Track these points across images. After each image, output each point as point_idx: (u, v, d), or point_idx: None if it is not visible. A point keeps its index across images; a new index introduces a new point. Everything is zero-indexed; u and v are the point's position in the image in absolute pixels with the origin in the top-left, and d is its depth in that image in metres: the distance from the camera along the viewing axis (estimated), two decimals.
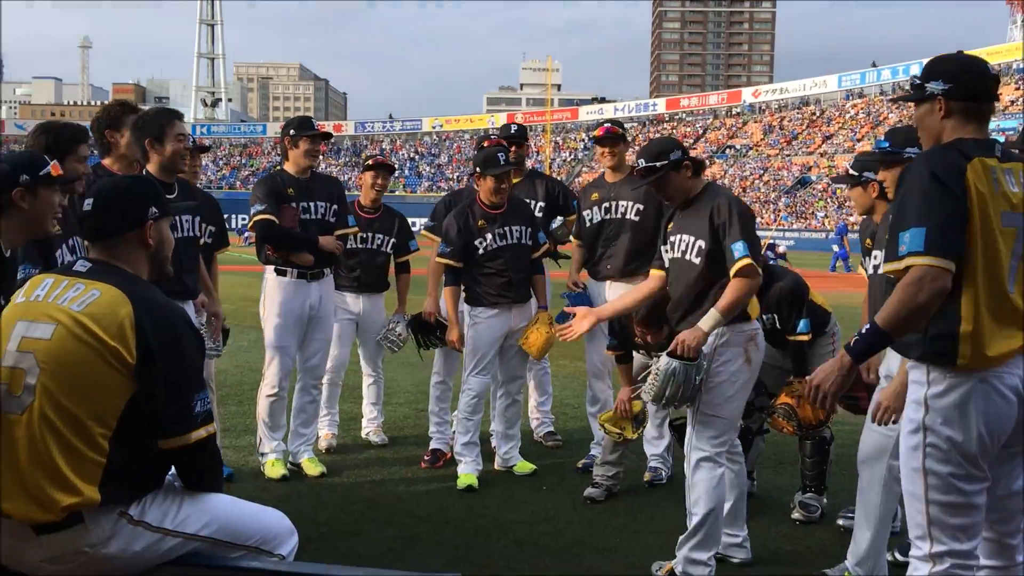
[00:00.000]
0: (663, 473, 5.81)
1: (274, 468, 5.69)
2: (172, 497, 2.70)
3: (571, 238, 6.18)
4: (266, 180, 5.87)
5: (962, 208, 2.76)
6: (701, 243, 4.17)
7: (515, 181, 5.98)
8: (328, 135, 6.23)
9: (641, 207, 5.70)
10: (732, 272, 4.05)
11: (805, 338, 5.02)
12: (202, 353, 2.75)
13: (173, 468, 2.74)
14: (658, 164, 4.23)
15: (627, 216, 5.76)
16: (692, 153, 4.40)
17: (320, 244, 5.67)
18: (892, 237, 2.84)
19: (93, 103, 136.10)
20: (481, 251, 5.67)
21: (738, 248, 4.05)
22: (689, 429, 4.22)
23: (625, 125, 6.16)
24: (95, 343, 2.54)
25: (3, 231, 3.11)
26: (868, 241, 4.41)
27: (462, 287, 5.81)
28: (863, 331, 2.89)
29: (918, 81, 3.03)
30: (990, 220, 2.79)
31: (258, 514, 2.88)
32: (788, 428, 4.89)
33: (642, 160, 4.29)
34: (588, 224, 5.91)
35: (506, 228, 5.69)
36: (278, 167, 5.99)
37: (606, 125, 5.87)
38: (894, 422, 3.46)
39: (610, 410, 5.40)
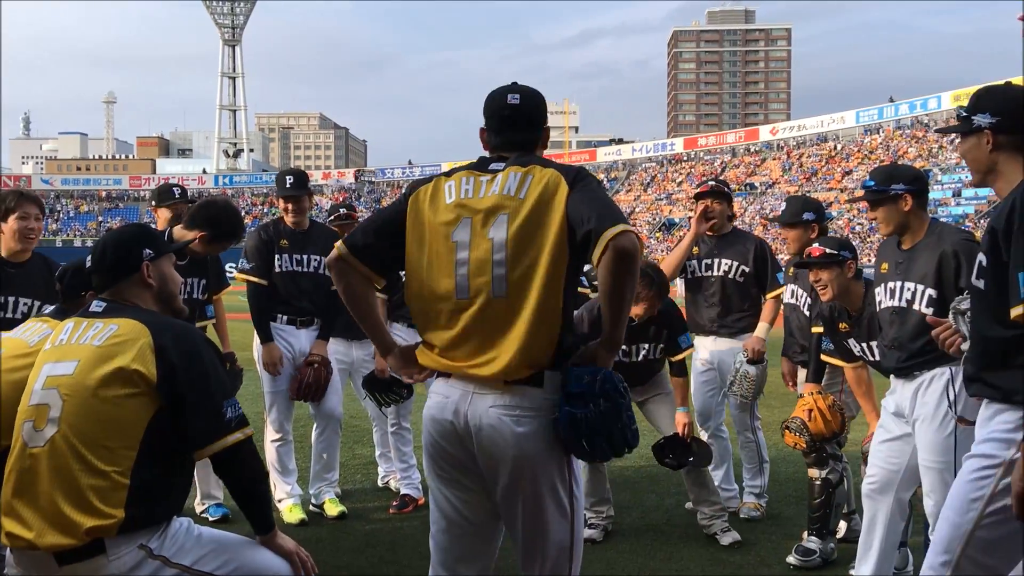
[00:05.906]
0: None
1: (292, 513, 5.68)
2: (191, 535, 2.76)
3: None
4: (258, 232, 5.80)
5: None
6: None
7: None
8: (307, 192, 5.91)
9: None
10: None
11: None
12: (223, 365, 2.82)
13: (189, 499, 2.78)
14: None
15: None
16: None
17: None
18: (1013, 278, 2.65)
19: (118, 157, 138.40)
20: None
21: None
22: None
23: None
24: (115, 370, 2.66)
25: None
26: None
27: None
28: None
29: (964, 113, 3.00)
30: None
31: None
32: (800, 443, 4.86)
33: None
34: None
35: None
36: (278, 217, 5.90)
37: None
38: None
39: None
